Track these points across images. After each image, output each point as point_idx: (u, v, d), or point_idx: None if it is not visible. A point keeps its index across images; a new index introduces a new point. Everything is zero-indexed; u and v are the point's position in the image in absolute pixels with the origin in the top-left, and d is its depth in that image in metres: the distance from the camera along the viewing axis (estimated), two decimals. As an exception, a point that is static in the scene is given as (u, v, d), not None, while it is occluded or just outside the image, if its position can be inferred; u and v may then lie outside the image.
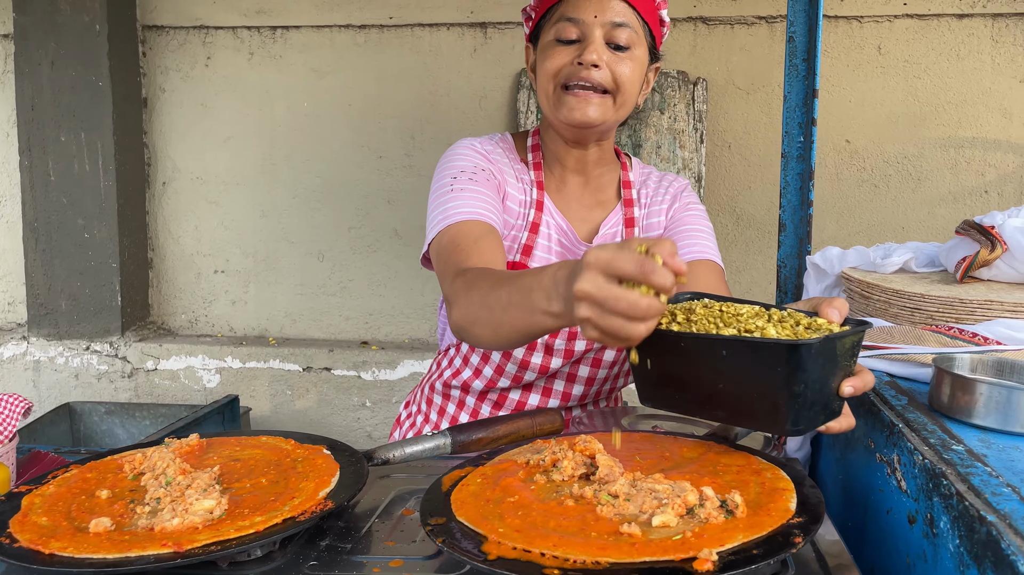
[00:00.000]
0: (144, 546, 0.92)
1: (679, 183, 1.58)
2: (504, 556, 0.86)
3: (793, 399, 0.86)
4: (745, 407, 0.90)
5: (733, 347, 0.86)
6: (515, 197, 1.46)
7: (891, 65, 3.22)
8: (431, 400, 1.65)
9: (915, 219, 3.26)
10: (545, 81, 1.37)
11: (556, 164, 1.49)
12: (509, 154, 1.49)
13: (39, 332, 3.55)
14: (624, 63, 1.34)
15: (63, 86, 3.40)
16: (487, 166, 1.42)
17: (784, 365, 0.84)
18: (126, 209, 3.52)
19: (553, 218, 1.47)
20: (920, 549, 0.98)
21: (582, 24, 1.33)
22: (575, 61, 1.33)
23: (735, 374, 0.88)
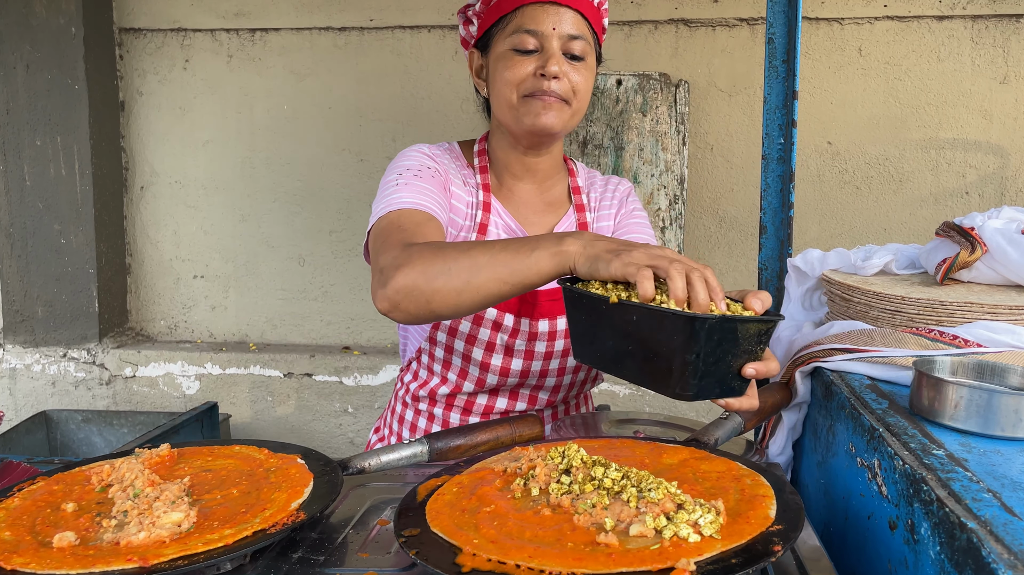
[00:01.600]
0: (109, 561, 0.90)
1: (623, 187, 1.62)
2: (479, 568, 0.85)
3: (685, 366, 0.97)
4: (646, 368, 1.01)
5: (642, 313, 0.98)
6: (461, 198, 1.48)
7: (872, 67, 3.23)
8: (402, 417, 1.64)
9: (897, 220, 3.27)
10: (507, 90, 1.39)
11: (504, 171, 1.52)
12: (456, 160, 1.52)
13: (15, 339, 3.49)
14: (580, 72, 1.40)
15: (38, 89, 3.35)
16: (433, 165, 1.44)
17: (679, 334, 0.95)
18: (103, 214, 3.48)
19: (502, 218, 1.49)
20: (901, 555, 0.97)
21: (540, 35, 1.37)
22: (536, 72, 1.37)
23: (642, 338, 0.99)
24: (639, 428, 1.75)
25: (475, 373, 1.52)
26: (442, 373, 1.55)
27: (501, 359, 1.50)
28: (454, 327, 1.48)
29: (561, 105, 1.40)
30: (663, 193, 3.21)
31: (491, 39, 1.43)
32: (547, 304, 1.48)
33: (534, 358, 1.51)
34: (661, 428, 1.78)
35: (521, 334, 1.48)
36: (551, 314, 1.48)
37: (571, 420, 1.73)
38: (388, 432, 1.68)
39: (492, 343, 1.48)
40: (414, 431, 1.62)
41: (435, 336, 1.52)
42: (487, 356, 1.49)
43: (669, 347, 0.97)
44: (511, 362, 1.50)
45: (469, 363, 1.51)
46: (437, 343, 1.52)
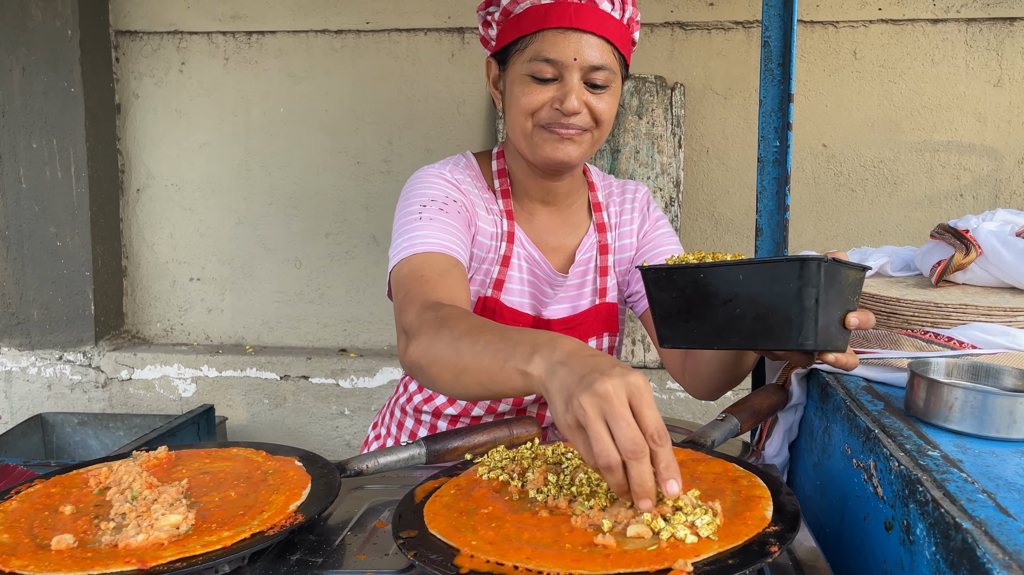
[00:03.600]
0: (107, 564, 0.90)
1: (641, 193, 1.56)
2: (476, 569, 0.85)
3: (804, 312, 0.95)
4: (761, 327, 0.98)
5: (749, 270, 0.95)
6: (486, 231, 1.40)
7: (867, 70, 3.24)
8: (402, 423, 1.61)
9: (892, 223, 3.28)
10: (521, 118, 1.31)
11: (524, 195, 1.45)
12: (477, 182, 1.44)
13: (11, 342, 3.48)
14: (603, 99, 1.30)
15: (34, 92, 3.35)
16: (459, 198, 1.36)
17: (795, 279, 0.93)
18: (99, 217, 3.47)
19: (525, 249, 1.43)
20: (897, 556, 0.97)
21: (559, 65, 1.26)
22: (553, 105, 1.28)
23: (751, 296, 0.97)
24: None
25: (486, 401, 1.46)
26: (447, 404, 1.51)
27: None
28: None
29: (581, 136, 1.32)
30: (659, 196, 3.22)
31: (509, 56, 1.33)
32: (563, 331, 1.43)
33: None
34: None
35: None
36: None
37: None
38: (386, 433, 1.67)
39: None
40: (414, 438, 1.59)
41: None
42: None
43: (786, 296, 0.94)
44: None
45: None
46: None
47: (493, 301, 1.39)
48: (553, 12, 1.25)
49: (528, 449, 1.12)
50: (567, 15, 1.24)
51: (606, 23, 1.27)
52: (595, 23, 1.25)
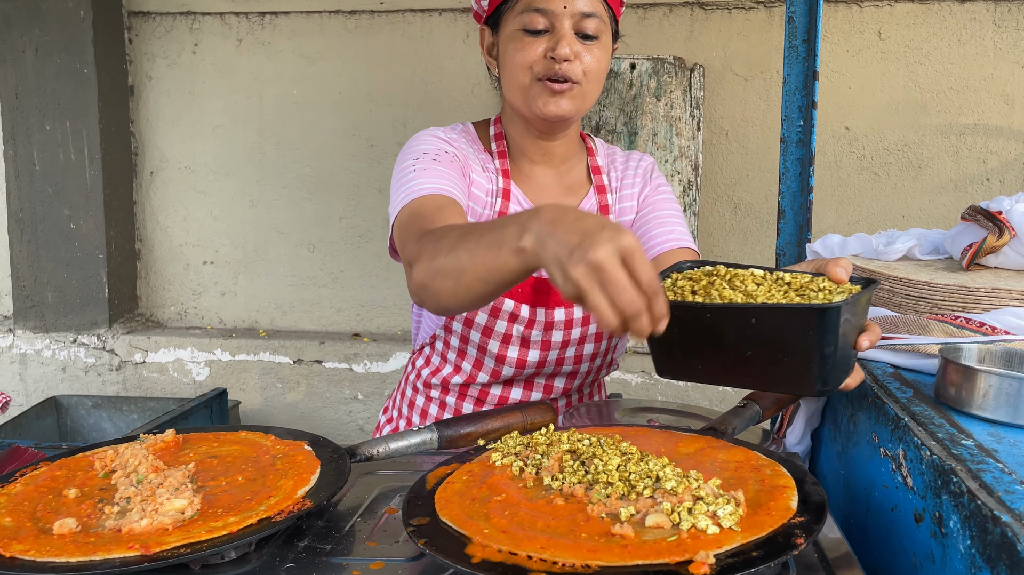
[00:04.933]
0: (110, 549, 0.87)
1: (646, 162, 1.56)
2: (489, 559, 0.82)
3: (824, 360, 0.89)
4: (775, 371, 0.92)
5: (763, 314, 0.89)
6: (481, 185, 1.43)
7: (892, 50, 3.17)
8: (413, 402, 1.61)
9: (915, 207, 3.22)
10: (518, 74, 1.35)
11: (522, 156, 1.47)
12: (473, 144, 1.47)
13: (25, 324, 3.49)
14: (593, 52, 1.34)
15: (47, 74, 3.33)
16: (451, 149, 1.40)
17: (815, 328, 0.87)
18: (113, 199, 3.46)
19: (521, 206, 1.44)
20: (927, 549, 0.93)
21: (550, 15, 1.31)
22: (547, 55, 1.32)
23: (765, 340, 0.90)
24: (653, 417, 1.72)
25: (490, 364, 1.48)
26: (456, 362, 1.51)
27: (517, 351, 1.46)
28: (470, 318, 1.44)
29: (573, 90, 1.35)
30: (677, 179, 3.17)
31: (501, 17, 1.38)
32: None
33: (551, 348, 1.47)
34: (675, 417, 1.75)
35: (537, 324, 1.44)
36: (568, 302, 1.37)
37: (585, 408, 1.70)
38: (397, 415, 1.66)
39: (508, 335, 1.44)
40: (424, 417, 1.59)
41: (451, 326, 1.48)
42: (503, 348, 1.45)
43: (803, 344, 0.89)
44: (528, 353, 1.46)
45: (485, 354, 1.47)
46: (453, 332, 1.49)
47: None
48: None
49: (543, 435, 1.09)
50: None
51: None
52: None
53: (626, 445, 1.02)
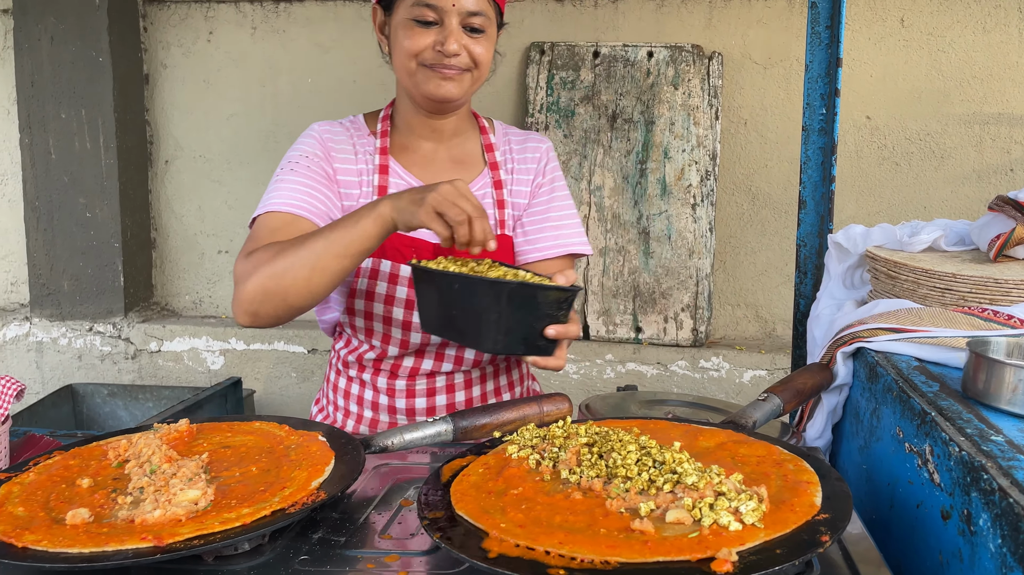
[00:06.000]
0: (122, 540, 0.87)
1: (544, 146, 1.64)
2: (506, 554, 0.80)
3: (489, 324, 1.16)
4: (466, 328, 1.21)
5: (459, 281, 1.18)
6: (350, 170, 1.51)
7: (914, 38, 3.12)
8: (336, 385, 1.64)
9: (938, 198, 3.17)
10: (406, 59, 1.43)
11: (409, 132, 1.55)
12: (357, 131, 1.55)
13: (42, 313, 3.50)
14: (480, 43, 1.42)
15: (63, 62, 3.33)
16: (318, 152, 1.49)
17: (485, 296, 1.15)
18: (128, 188, 3.46)
19: (403, 178, 1.52)
20: (955, 547, 0.91)
21: (439, 10, 1.39)
22: (435, 47, 1.40)
23: (461, 302, 1.19)
24: (670, 409, 1.69)
25: (398, 335, 1.52)
26: (367, 339, 1.56)
27: None
28: (371, 291, 1.50)
29: (461, 75, 1.44)
30: (694, 169, 3.13)
31: (393, 2, 1.44)
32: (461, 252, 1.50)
33: None
34: (692, 409, 1.73)
35: None
36: None
37: (601, 399, 1.68)
38: (327, 402, 1.68)
39: (411, 301, 1.50)
40: (348, 398, 1.61)
41: (352, 305, 1.53)
42: (407, 314, 1.50)
43: (478, 308, 1.16)
44: None
45: (391, 326, 1.52)
46: (356, 312, 1.53)
47: None
48: None
49: (560, 427, 1.07)
50: None
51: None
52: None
53: (645, 438, 1.00)
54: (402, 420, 1.56)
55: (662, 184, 3.15)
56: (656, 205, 3.15)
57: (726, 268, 3.33)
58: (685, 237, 3.13)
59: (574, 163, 3.21)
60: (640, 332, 3.19)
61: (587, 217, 3.20)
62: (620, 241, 3.18)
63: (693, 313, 3.14)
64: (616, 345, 3.19)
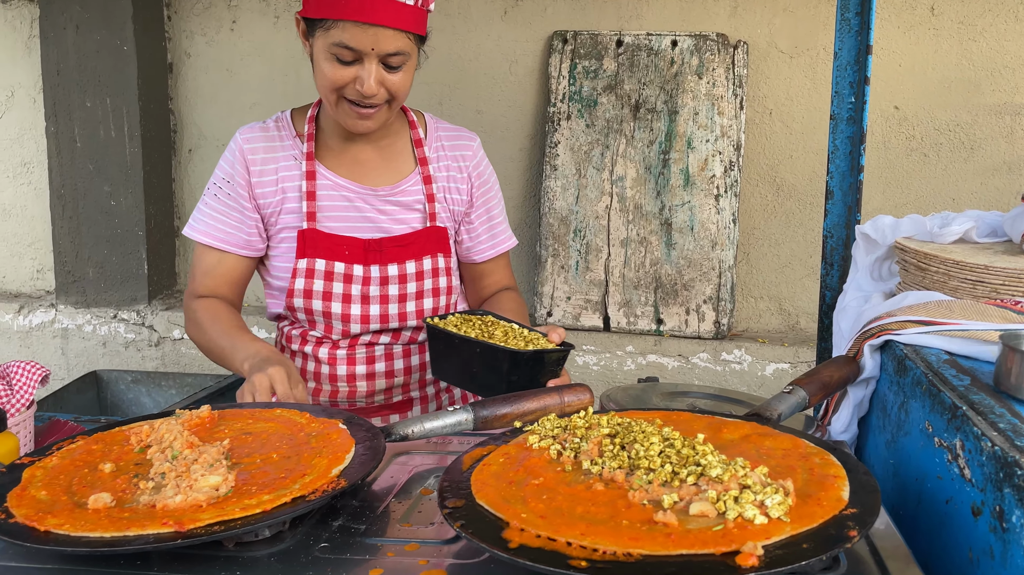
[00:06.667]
0: (143, 525, 0.87)
1: (475, 143, 1.67)
2: (527, 544, 0.80)
3: (503, 380, 1.34)
4: (483, 382, 1.38)
5: (481, 347, 1.37)
6: (271, 183, 1.55)
7: (944, 27, 3.06)
8: None
9: (967, 190, 3.11)
10: (326, 91, 1.44)
11: (334, 135, 1.57)
12: (282, 132, 1.57)
13: (67, 300, 3.54)
14: (398, 76, 1.42)
15: (88, 51, 3.35)
16: (236, 173, 1.55)
17: (507, 362, 1.33)
18: (152, 176, 3.48)
19: (330, 179, 1.55)
20: (986, 544, 0.89)
21: (358, 52, 1.38)
22: (355, 83, 1.40)
23: (482, 363, 1.37)
24: (692, 401, 1.68)
25: (339, 326, 1.59)
26: (309, 329, 1.63)
27: (360, 308, 1.57)
28: (308, 290, 1.55)
29: (380, 109, 1.45)
30: (718, 159, 3.10)
31: (314, 28, 1.41)
32: (393, 250, 1.57)
33: (389, 302, 1.59)
34: (714, 401, 1.71)
35: (373, 280, 1.56)
36: (399, 258, 1.57)
37: (622, 391, 1.67)
38: None
39: (348, 295, 1.56)
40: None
41: (292, 303, 1.58)
42: (345, 307, 1.57)
43: (500, 370, 1.34)
44: (369, 308, 1.58)
45: (331, 318, 1.58)
46: (296, 309, 1.59)
47: (312, 232, 1.54)
48: (354, 6, 1.34)
49: (581, 418, 1.06)
50: (365, 10, 1.34)
51: (401, 13, 1.37)
52: (391, 17, 1.36)
53: (668, 430, 0.99)
54: (343, 387, 1.62)
55: (685, 175, 3.12)
56: (679, 196, 3.12)
57: (749, 260, 3.29)
58: (708, 228, 3.10)
59: (596, 153, 3.18)
60: (661, 324, 3.16)
61: (608, 208, 3.17)
62: (642, 232, 3.16)
63: (715, 305, 3.12)
64: (637, 337, 3.17)
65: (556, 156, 3.22)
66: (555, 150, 3.22)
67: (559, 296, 3.22)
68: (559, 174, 3.22)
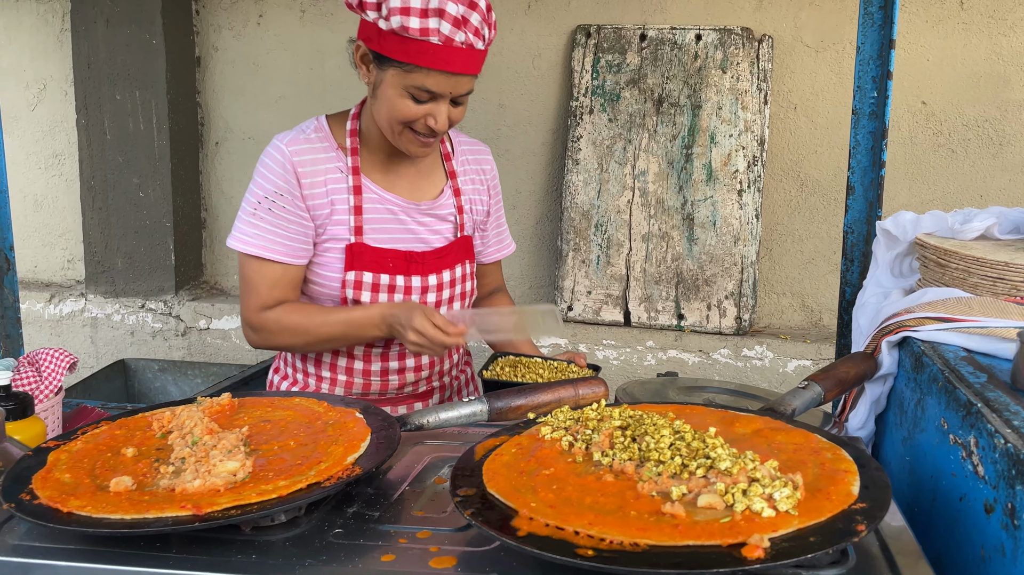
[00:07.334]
0: (162, 507, 0.89)
1: (490, 155, 1.77)
2: (535, 533, 0.81)
3: None
4: None
5: None
6: (323, 195, 1.56)
7: (974, 21, 3.01)
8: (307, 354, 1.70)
9: (995, 187, 3.07)
10: (392, 120, 1.48)
11: (380, 150, 1.60)
12: (325, 143, 1.58)
13: (96, 289, 3.60)
14: (461, 107, 1.50)
15: (118, 44, 3.40)
16: (288, 189, 1.54)
17: None
18: (179, 169, 3.53)
19: (376, 193, 1.59)
20: (997, 542, 0.89)
21: (436, 95, 1.44)
22: (425, 119, 1.46)
23: None
24: (710, 396, 1.68)
25: None
26: None
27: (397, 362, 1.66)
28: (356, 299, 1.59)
29: (438, 137, 1.52)
30: (741, 154, 3.08)
31: (388, 63, 1.44)
32: (432, 261, 1.63)
33: None
34: (733, 396, 1.71)
35: (415, 290, 1.62)
36: (437, 269, 1.63)
37: (640, 385, 1.67)
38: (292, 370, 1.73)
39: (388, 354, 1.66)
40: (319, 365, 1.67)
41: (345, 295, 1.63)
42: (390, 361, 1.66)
43: None
44: None
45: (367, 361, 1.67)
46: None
47: (360, 246, 1.58)
48: (441, 56, 1.40)
49: (594, 410, 1.06)
50: (452, 62, 1.41)
51: (477, 61, 1.46)
52: (471, 65, 1.44)
53: (679, 423, 0.99)
54: (375, 381, 1.66)
55: (708, 169, 3.10)
56: (701, 191, 3.11)
57: (772, 256, 3.27)
58: (730, 224, 3.09)
59: (618, 147, 3.18)
60: (682, 319, 3.16)
61: (630, 202, 3.17)
62: (663, 227, 3.15)
63: (737, 301, 3.10)
64: (657, 332, 3.17)
65: (578, 150, 3.22)
66: (577, 144, 3.22)
67: (580, 290, 3.23)
68: (581, 168, 3.21)
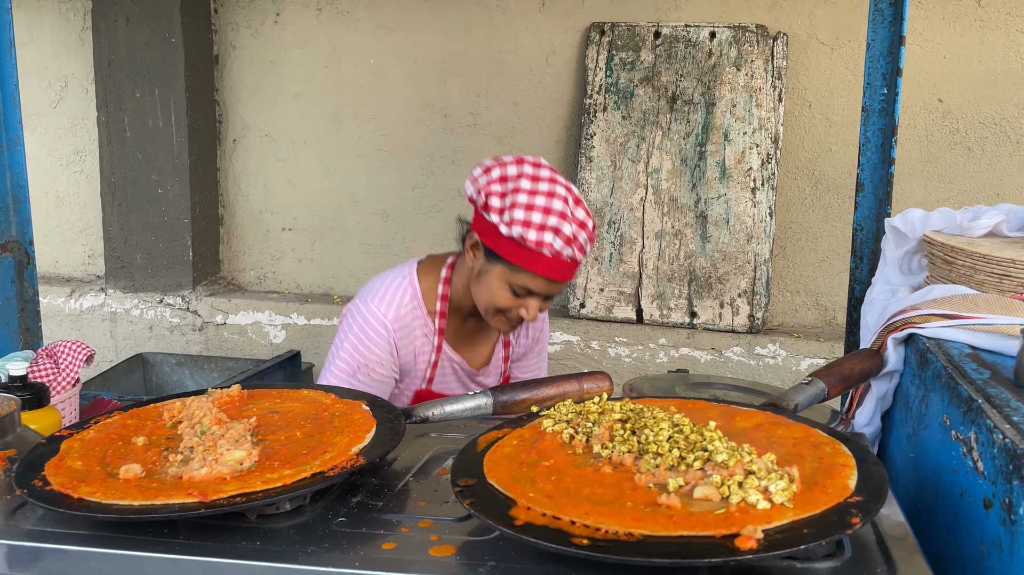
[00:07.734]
0: (170, 494, 0.91)
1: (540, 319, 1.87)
2: (532, 522, 0.82)
3: None
4: None
5: None
6: (410, 354, 1.71)
7: (991, 18, 2.98)
8: None
9: (1012, 185, 3.04)
10: (488, 303, 1.60)
11: (462, 320, 1.74)
12: (417, 311, 1.70)
13: (116, 284, 3.66)
14: (548, 302, 1.63)
15: (138, 42, 3.45)
16: (388, 359, 1.68)
17: None
18: (198, 166, 3.58)
19: (447, 355, 1.75)
20: (995, 536, 0.89)
21: (534, 293, 1.56)
22: (517, 309, 1.58)
23: None
24: (718, 392, 1.68)
25: None
26: None
27: None
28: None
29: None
30: (755, 152, 3.07)
31: (498, 259, 1.55)
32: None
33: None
34: (742, 393, 1.72)
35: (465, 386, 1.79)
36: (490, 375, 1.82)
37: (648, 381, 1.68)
38: None
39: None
40: None
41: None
42: None
43: None
44: None
45: None
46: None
47: (427, 392, 1.75)
48: (548, 266, 1.52)
49: (595, 404, 1.08)
50: (556, 271, 1.53)
51: (576, 271, 1.59)
52: (570, 274, 1.57)
53: (679, 416, 1.00)
54: None
55: (721, 167, 3.10)
56: (715, 188, 3.11)
57: (786, 254, 3.26)
58: (744, 221, 3.08)
59: (631, 145, 3.18)
60: (695, 317, 3.15)
61: (643, 200, 3.17)
62: (676, 224, 3.15)
63: (750, 299, 3.10)
64: (670, 329, 3.17)
65: (592, 148, 3.22)
66: (591, 142, 3.23)
67: (592, 287, 3.23)
68: (594, 166, 3.22)
